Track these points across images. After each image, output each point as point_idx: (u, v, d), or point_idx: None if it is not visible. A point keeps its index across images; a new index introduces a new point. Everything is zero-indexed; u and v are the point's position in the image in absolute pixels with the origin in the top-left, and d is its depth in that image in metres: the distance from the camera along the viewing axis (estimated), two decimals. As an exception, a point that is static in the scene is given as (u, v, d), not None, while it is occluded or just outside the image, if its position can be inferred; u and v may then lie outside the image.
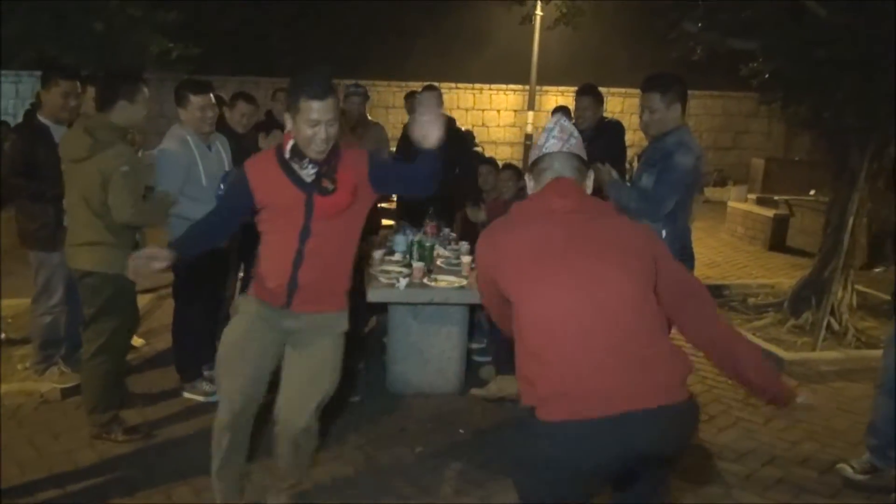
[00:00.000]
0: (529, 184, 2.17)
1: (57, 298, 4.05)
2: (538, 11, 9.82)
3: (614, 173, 3.47)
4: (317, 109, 2.37)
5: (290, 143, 2.47)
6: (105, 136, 3.28)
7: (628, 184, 3.68)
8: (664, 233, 3.32)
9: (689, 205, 3.42)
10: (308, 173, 2.47)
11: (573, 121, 5.10)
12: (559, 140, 2.11)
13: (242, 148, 4.39)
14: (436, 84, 6.33)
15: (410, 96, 6.62)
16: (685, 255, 3.40)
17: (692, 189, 3.40)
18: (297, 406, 2.63)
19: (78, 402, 3.87)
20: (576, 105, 4.98)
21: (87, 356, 3.47)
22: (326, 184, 2.49)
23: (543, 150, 2.11)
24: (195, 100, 3.73)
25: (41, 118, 3.94)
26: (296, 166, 2.48)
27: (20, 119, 5.44)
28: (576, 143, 2.13)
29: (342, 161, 2.54)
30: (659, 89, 3.31)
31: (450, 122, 5.99)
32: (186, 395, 4.05)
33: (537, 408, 1.87)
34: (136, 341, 4.78)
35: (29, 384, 4.06)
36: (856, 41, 4.78)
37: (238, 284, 4.95)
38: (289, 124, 2.46)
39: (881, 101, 4.95)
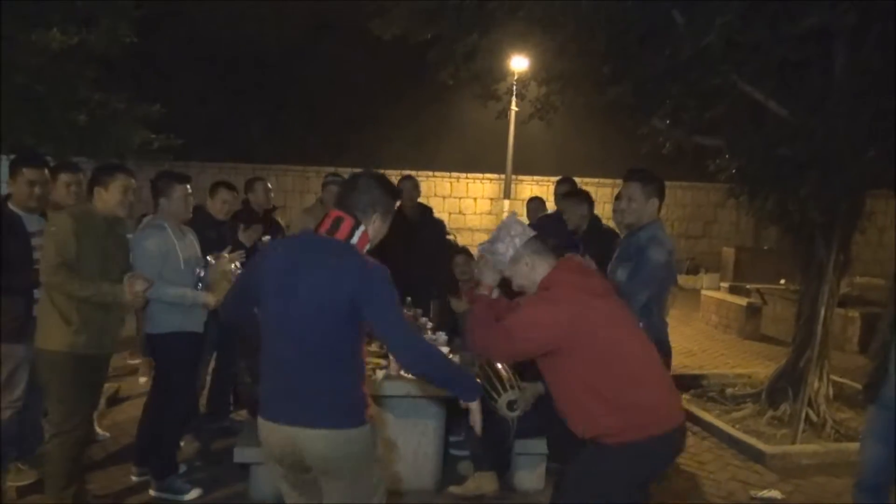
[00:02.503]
0: (523, 265, 2.62)
1: (19, 392, 3.88)
2: (513, 107, 10.18)
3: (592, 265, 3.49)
4: None
5: (367, 246, 2.41)
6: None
7: None
8: (640, 325, 3.32)
9: (663, 299, 3.46)
10: None
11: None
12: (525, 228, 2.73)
13: (221, 235, 4.40)
14: (412, 174, 6.46)
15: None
16: (661, 350, 3.38)
17: (666, 283, 3.44)
18: None
19: (35, 502, 3.68)
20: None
21: (47, 438, 3.50)
22: None
23: (529, 233, 2.67)
24: (180, 188, 3.81)
25: (11, 207, 3.83)
26: None
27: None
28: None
29: None
30: (641, 180, 3.45)
31: (427, 211, 6.07)
32: (153, 493, 3.85)
33: (638, 431, 2.44)
34: (99, 432, 4.61)
35: (-17, 482, 3.86)
36: (814, 140, 5.01)
37: (209, 378, 4.88)
38: (376, 225, 2.42)
39: (842, 197, 5.13)
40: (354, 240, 2.34)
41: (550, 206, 6.36)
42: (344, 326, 2.28)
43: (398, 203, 2.54)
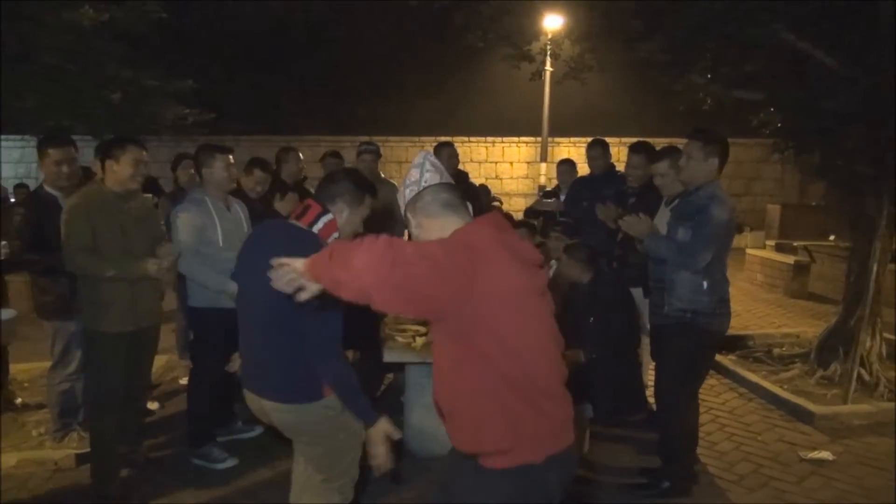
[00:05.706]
0: (412, 225, 2.04)
1: (74, 366, 4.02)
2: (548, 67, 9.97)
3: (655, 226, 3.54)
4: None
5: (335, 235, 2.43)
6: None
7: None
8: (705, 285, 3.33)
9: (725, 257, 3.44)
10: None
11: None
12: (437, 172, 2.05)
13: (252, 211, 4.43)
14: (449, 140, 6.39)
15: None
16: (723, 309, 3.41)
17: (728, 242, 3.43)
18: None
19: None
20: (627, 162, 4.75)
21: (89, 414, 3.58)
22: None
23: (423, 184, 2.02)
24: (221, 158, 3.82)
25: (47, 188, 3.91)
26: None
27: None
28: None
29: None
30: (702, 139, 3.39)
31: (462, 177, 6.00)
32: (195, 461, 3.95)
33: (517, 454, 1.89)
34: (151, 405, 4.72)
35: (42, 452, 4.00)
36: (859, 91, 4.78)
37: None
38: (344, 214, 2.47)
39: (890, 150, 4.91)
40: (318, 226, 2.43)
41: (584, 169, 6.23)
42: (294, 307, 2.22)
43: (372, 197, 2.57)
